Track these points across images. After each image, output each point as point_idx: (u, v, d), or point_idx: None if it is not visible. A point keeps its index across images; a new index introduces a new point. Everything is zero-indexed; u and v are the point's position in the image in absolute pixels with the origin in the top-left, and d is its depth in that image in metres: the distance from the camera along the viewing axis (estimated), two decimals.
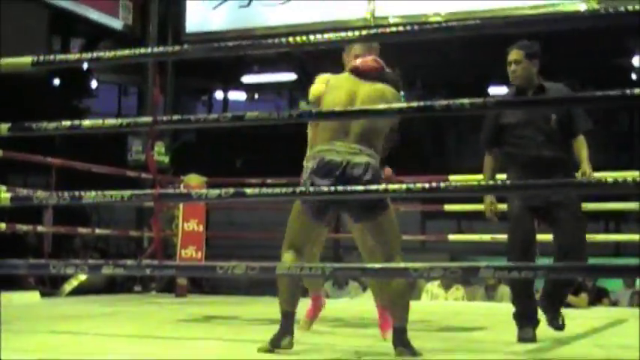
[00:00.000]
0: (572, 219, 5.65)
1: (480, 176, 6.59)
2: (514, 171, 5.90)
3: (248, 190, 4.06)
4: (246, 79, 18.94)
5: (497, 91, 18.11)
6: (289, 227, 4.98)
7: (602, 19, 4.16)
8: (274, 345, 4.68)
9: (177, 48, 5.15)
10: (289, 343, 4.70)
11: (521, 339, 5.51)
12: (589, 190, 5.58)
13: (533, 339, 5.52)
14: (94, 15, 11.84)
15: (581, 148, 5.82)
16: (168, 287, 10.61)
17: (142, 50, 4.93)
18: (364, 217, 4.82)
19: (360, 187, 4.11)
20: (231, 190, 4.09)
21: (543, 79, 5.86)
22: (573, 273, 5.69)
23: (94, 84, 18.53)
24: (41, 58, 4.44)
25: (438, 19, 11.14)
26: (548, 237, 5.79)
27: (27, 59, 4.38)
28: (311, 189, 4.22)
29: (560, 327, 5.66)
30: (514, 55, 5.79)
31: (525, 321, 5.62)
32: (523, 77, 5.79)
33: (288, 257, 4.94)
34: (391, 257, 4.76)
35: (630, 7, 4.14)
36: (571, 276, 5.62)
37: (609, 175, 5.92)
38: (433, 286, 10.76)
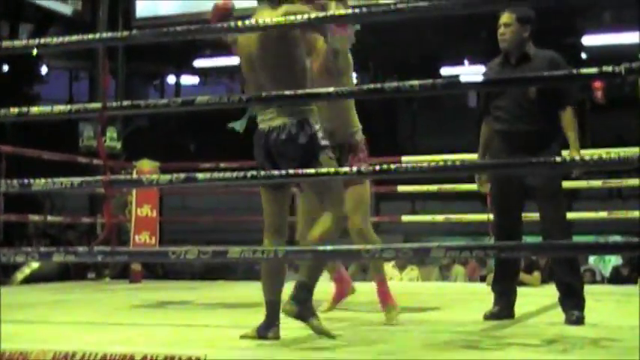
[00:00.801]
0: (548, 201, 5.54)
1: (430, 157, 6.64)
2: (494, 145, 5.78)
3: (200, 175, 4.07)
4: (199, 63, 18.92)
5: (448, 71, 18.21)
6: (264, 210, 4.79)
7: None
8: (260, 335, 4.53)
9: (126, 33, 5.17)
10: (276, 335, 4.55)
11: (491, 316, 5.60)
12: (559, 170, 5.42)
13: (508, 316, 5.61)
14: (44, 1, 11.75)
15: (569, 125, 5.58)
16: (123, 273, 10.59)
17: (91, 36, 4.88)
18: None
19: (311, 170, 4.09)
20: (183, 175, 4.09)
21: (535, 46, 5.68)
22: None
23: (44, 70, 18.39)
24: None
25: (389, 0, 11.14)
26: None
27: None
28: (262, 173, 4.19)
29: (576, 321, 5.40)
30: (505, 18, 5.61)
31: (501, 298, 5.67)
32: (511, 41, 5.62)
33: (267, 242, 4.73)
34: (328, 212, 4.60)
35: None
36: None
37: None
38: (388, 267, 10.80)
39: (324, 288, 5.69)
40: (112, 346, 3.53)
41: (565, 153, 5.45)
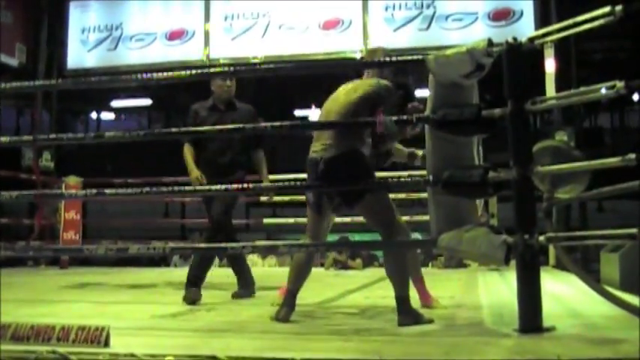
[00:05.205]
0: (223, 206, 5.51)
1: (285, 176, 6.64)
2: (200, 167, 5.53)
3: (107, 191, 4.01)
4: (115, 103, 18.65)
5: (301, 113, 18.25)
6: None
7: (369, 64, 4.31)
8: (275, 316, 4.06)
9: (57, 81, 5.02)
10: (284, 315, 4.04)
11: (187, 298, 5.20)
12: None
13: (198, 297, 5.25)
14: None
15: (260, 162, 5.76)
16: (54, 261, 10.34)
17: (31, 83, 4.78)
18: (349, 205, 4.09)
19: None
20: (94, 191, 4.03)
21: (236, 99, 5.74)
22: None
23: None
24: None
25: (257, 60, 11.17)
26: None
27: None
28: (154, 189, 4.13)
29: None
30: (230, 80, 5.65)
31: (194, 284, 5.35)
32: (230, 94, 5.64)
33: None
34: (389, 234, 4.05)
35: (388, 58, 4.27)
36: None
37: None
38: (254, 256, 10.78)
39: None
40: (39, 318, 3.42)
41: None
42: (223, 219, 5.56)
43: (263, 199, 6.79)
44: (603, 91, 3.25)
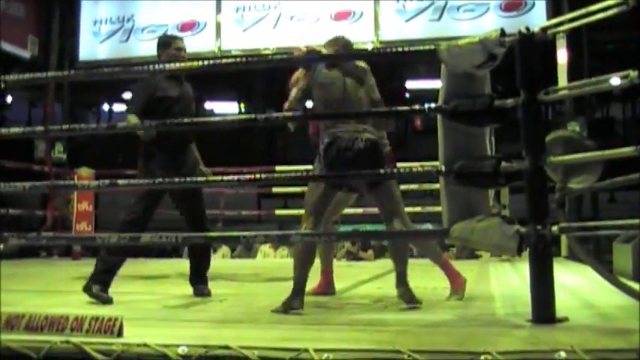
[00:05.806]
0: (191, 198, 5.14)
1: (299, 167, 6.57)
2: (161, 145, 4.93)
3: (120, 182, 4.01)
4: (127, 95, 18.66)
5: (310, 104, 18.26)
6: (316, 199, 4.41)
7: (381, 55, 4.30)
8: (289, 307, 4.03)
9: (69, 73, 5.02)
10: (300, 305, 4.06)
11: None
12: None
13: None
14: (8, 47, 11.38)
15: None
16: (67, 252, 10.38)
17: (43, 74, 4.79)
18: (369, 187, 4.32)
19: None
20: (107, 182, 4.03)
21: None
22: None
23: (9, 99, 17.88)
24: None
25: (268, 51, 11.15)
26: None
27: None
28: (166, 180, 4.12)
29: None
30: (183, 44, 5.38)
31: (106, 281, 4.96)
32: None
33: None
34: (389, 220, 4.33)
35: (400, 49, 4.28)
36: None
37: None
38: (266, 247, 10.80)
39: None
40: (52, 308, 3.43)
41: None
42: (199, 212, 5.21)
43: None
44: (617, 81, 3.23)
